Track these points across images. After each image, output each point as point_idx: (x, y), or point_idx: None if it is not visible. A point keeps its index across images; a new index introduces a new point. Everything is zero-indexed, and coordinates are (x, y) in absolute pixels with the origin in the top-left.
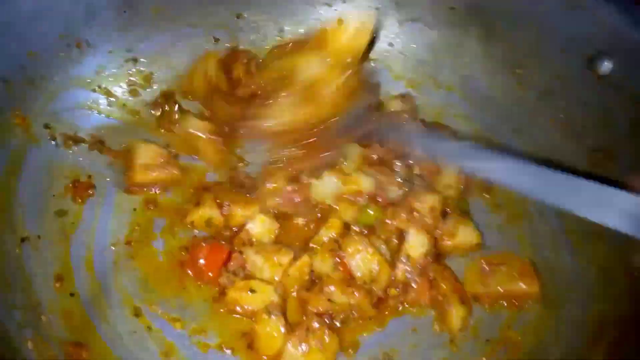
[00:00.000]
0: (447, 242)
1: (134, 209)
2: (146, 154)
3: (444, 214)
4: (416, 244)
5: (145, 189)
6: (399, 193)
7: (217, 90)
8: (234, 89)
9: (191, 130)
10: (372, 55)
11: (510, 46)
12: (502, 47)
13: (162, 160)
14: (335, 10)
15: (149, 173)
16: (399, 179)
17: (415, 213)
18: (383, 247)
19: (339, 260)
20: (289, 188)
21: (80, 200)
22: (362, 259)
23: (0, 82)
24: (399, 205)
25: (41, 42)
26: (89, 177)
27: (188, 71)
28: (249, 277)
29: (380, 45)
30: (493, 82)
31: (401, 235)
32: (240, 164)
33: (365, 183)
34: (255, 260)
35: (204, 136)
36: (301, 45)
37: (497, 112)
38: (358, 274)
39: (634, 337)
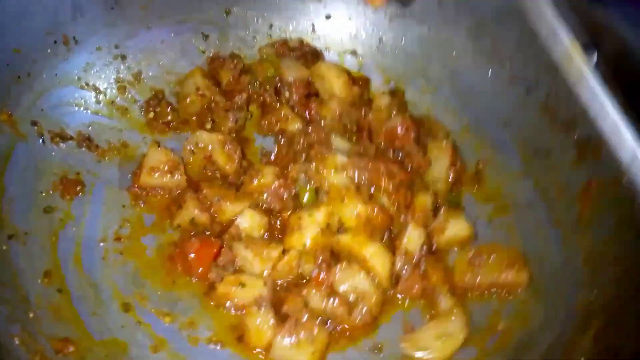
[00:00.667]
0: (440, 237)
1: (123, 206)
2: (156, 157)
3: (436, 209)
4: (414, 238)
5: (148, 192)
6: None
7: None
8: (231, 98)
9: (202, 146)
10: (360, 51)
11: (499, 40)
12: (491, 41)
13: (170, 165)
14: (325, 6)
15: (155, 177)
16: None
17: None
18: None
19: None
20: (276, 183)
21: (68, 197)
22: (349, 279)
23: None
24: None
25: (26, 39)
26: (77, 174)
27: (180, 94)
28: (238, 271)
29: (370, 40)
30: (482, 75)
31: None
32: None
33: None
34: (245, 254)
35: (217, 149)
36: None
37: (486, 105)
38: (341, 289)
39: (619, 324)
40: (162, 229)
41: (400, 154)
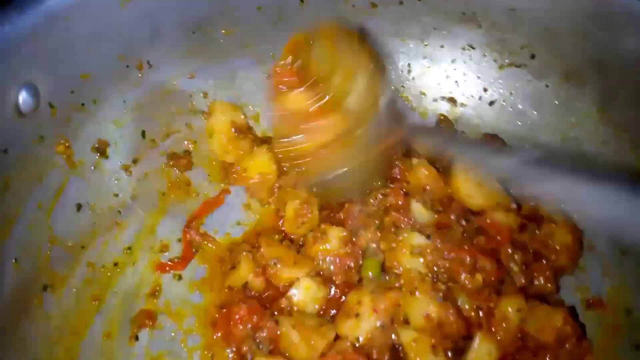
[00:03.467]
0: None
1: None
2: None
3: None
4: (482, 355)
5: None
6: None
7: None
8: None
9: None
10: (460, 99)
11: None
12: (621, 112)
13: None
14: (425, 45)
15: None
16: None
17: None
18: None
19: None
20: (342, 251)
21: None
22: None
23: (46, 107)
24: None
25: (96, 63)
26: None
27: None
28: (274, 353)
29: (472, 89)
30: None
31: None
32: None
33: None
34: (291, 334)
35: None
36: None
37: None
38: None
39: None
40: (212, 286)
41: None
